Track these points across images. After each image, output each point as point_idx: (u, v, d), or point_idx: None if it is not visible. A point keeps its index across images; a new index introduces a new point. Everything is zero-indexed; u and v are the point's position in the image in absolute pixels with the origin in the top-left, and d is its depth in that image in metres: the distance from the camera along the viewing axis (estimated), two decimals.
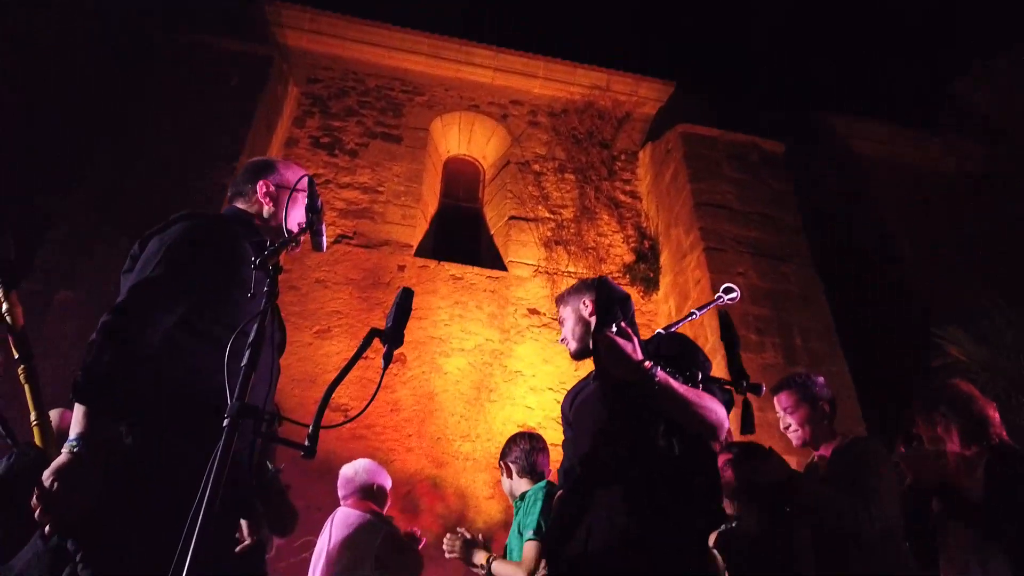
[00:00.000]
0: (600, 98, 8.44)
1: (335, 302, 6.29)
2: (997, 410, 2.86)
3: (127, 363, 1.49)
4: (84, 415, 1.44)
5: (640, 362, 1.97)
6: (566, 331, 2.44)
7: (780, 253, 6.59)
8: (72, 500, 1.35)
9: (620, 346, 1.98)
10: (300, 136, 7.36)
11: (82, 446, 1.40)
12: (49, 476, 1.36)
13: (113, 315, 1.54)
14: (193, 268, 1.70)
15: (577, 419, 2.33)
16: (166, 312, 1.61)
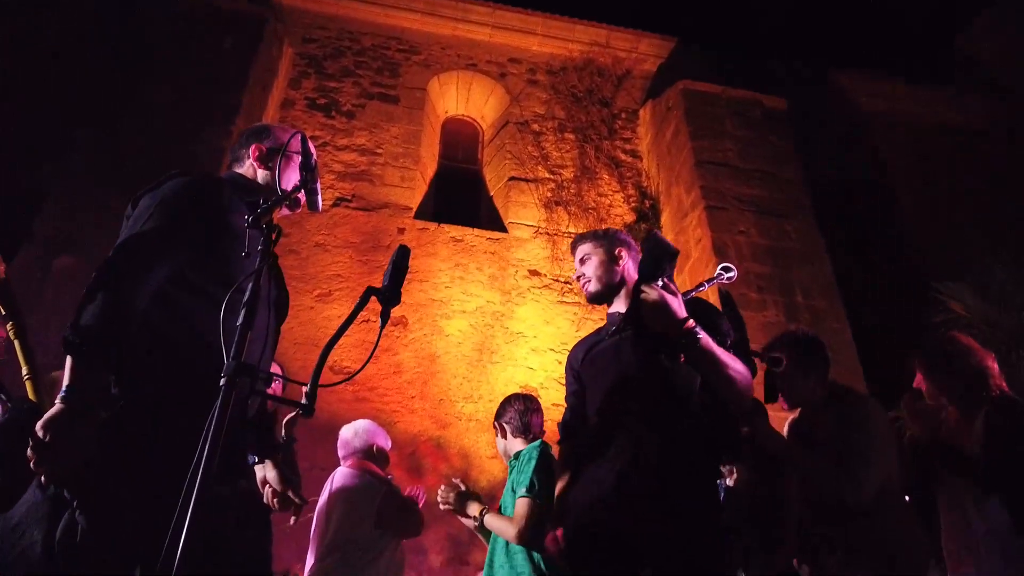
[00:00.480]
0: (600, 55, 8.30)
1: (335, 266, 6.27)
2: (996, 362, 2.85)
3: (118, 316, 1.49)
4: (75, 367, 1.44)
5: (685, 319, 1.98)
6: (587, 270, 2.41)
7: (782, 210, 6.54)
8: (66, 450, 1.36)
9: (668, 301, 1.98)
10: (296, 98, 7.26)
11: (73, 397, 1.41)
12: (42, 427, 1.37)
13: (104, 268, 1.53)
14: (185, 223, 1.68)
15: (594, 371, 2.32)
16: (158, 265, 1.60)
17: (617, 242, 2.46)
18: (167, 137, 5.65)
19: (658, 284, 2.01)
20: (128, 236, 1.65)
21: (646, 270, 2.07)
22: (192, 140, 5.69)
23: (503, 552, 2.75)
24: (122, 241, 1.64)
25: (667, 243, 2.13)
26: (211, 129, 5.81)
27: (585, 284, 2.43)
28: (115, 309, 1.49)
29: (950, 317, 5.20)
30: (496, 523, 2.77)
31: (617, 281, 2.41)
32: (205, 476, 1.05)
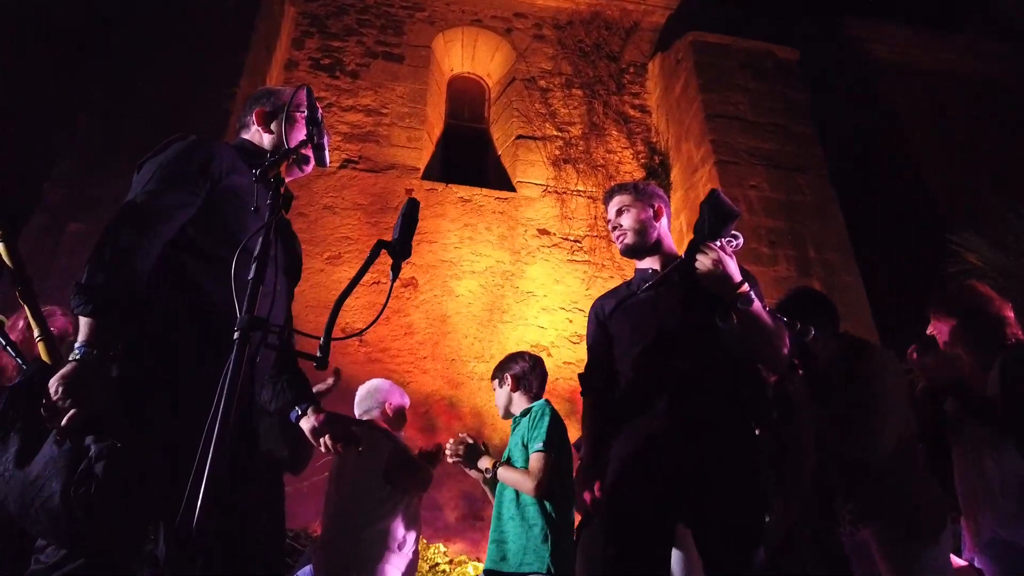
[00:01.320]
0: (607, 7, 8.11)
1: (344, 228, 6.26)
2: (1012, 310, 2.83)
3: (125, 274, 1.50)
4: (87, 325, 1.45)
5: (740, 283, 1.98)
6: (625, 221, 2.38)
7: (794, 164, 6.46)
8: (79, 403, 1.38)
9: (727, 263, 1.98)
10: (300, 58, 7.17)
11: (85, 353, 1.42)
12: (55, 382, 1.39)
13: (109, 229, 1.53)
14: (186, 183, 1.68)
15: (628, 325, 2.31)
16: (162, 225, 1.61)
17: (658, 198, 2.44)
18: (173, 99, 5.61)
19: (716, 245, 2.01)
20: (131, 198, 1.65)
21: (708, 229, 2.05)
22: (198, 101, 5.64)
23: (512, 504, 2.78)
24: (125, 203, 1.64)
25: (730, 204, 2.09)
26: (216, 90, 5.76)
27: (620, 236, 2.40)
28: (122, 268, 1.50)
29: (965, 268, 5.15)
30: (512, 475, 2.79)
31: (654, 238, 2.39)
32: (222, 430, 1.06)
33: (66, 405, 1.37)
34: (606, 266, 6.53)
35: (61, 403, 1.36)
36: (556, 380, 5.45)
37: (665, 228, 2.42)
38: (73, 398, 1.37)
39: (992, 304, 2.79)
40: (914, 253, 6.45)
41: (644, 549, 2.01)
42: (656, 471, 2.04)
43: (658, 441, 2.06)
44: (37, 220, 5.24)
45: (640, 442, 2.11)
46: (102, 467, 1.35)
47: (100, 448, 1.37)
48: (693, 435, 2.02)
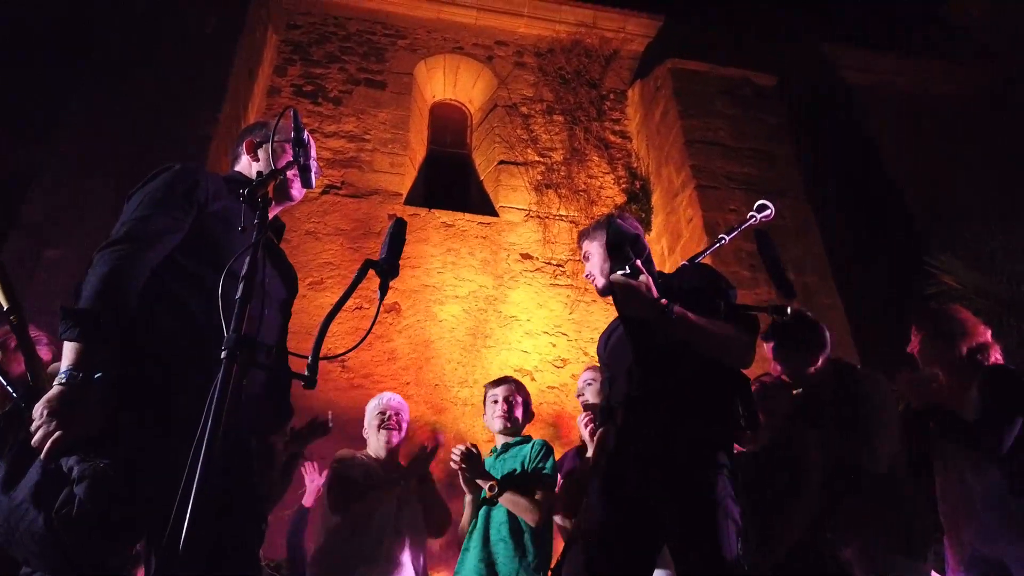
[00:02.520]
0: (587, 36, 8.24)
1: (326, 253, 6.24)
2: (989, 329, 2.90)
3: (113, 300, 1.50)
4: (73, 350, 1.44)
5: (655, 300, 1.99)
6: (592, 267, 2.44)
7: (773, 188, 6.53)
8: (64, 426, 1.37)
9: (634, 287, 1.99)
10: (282, 85, 7.19)
11: (71, 377, 1.41)
12: (40, 406, 1.38)
13: (98, 254, 1.53)
14: (172, 209, 1.70)
15: (612, 359, 2.36)
16: (149, 251, 1.62)
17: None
18: (153, 123, 5.57)
19: (625, 271, 2.03)
20: (122, 223, 1.67)
21: (610, 262, 2.09)
22: (178, 126, 5.61)
23: (504, 527, 2.78)
24: (117, 227, 1.66)
25: (623, 226, 2.15)
26: (197, 115, 5.74)
27: (593, 282, 2.46)
28: (109, 293, 1.50)
29: (943, 289, 5.24)
30: (521, 502, 2.80)
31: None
32: (209, 450, 1.04)
33: (51, 428, 1.36)
34: (589, 290, 6.55)
35: (46, 427, 1.35)
36: (540, 404, 5.43)
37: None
38: (58, 421, 1.36)
39: (967, 325, 2.86)
40: (893, 274, 6.54)
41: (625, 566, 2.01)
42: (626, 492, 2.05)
43: (626, 462, 2.09)
44: (14, 243, 5.17)
45: (612, 464, 2.13)
46: (84, 488, 1.33)
47: (83, 469, 1.35)
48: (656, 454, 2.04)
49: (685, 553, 1.96)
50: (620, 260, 2.05)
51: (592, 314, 6.38)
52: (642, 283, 2.01)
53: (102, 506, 1.34)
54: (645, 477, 2.03)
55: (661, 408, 2.08)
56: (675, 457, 2.01)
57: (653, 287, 2.03)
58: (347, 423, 5.36)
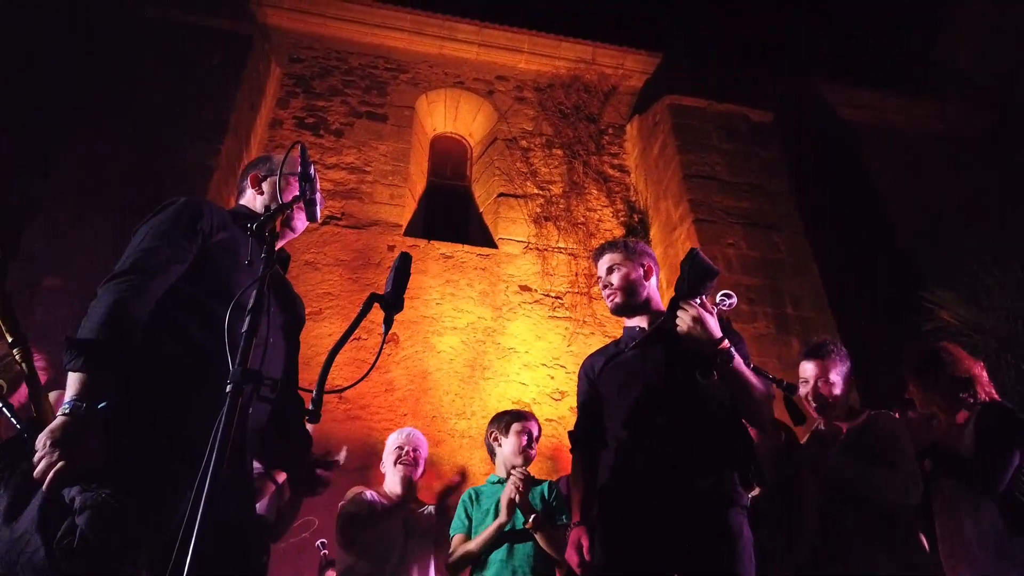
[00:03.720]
0: (586, 72, 8.37)
1: (326, 284, 6.25)
2: (985, 369, 2.91)
3: (118, 331, 1.50)
4: (78, 380, 1.44)
5: (720, 339, 2.00)
6: (615, 280, 2.41)
7: (770, 222, 6.59)
8: (67, 457, 1.37)
9: (707, 320, 2.00)
10: (284, 117, 7.27)
11: (74, 407, 1.41)
12: (43, 437, 1.38)
13: (104, 285, 1.54)
14: (178, 240, 1.72)
15: (616, 383, 2.33)
16: (154, 283, 1.62)
17: (648, 256, 2.49)
18: (155, 155, 5.62)
19: (696, 302, 2.04)
20: (128, 255, 1.68)
21: (687, 287, 2.10)
22: (180, 158, 5.66)
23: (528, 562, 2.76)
24: (122, 259, 1.67)
25: (709, 263, 2.16)
26: (199, 147, 5.79)
27: (611, 295, 2.44)
28: (114, 323, 1.50)
29: (939, 325, 5.25)
30: (554, 535, 2.77)
31: (644, 296, 2.42)
32: (213, 483, 1.04)
33: (53, 459, 1.35)
34: (587, 322, 6.56)
35: (48, 457, 1.34)
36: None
37: (654, 287, 2.47)
38: (60, 452, 1.36)
39: (962, 364, 2.88)
40: (890, 309, 6.56)
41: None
42: (640, 528, 2.04)
43: (640, 499, 2.06)
44: (14, 273, 5.18)
45: (624, 500, 2.11)
46: (85, 519, 1.33)
47: (84, 499, 1.34)
48: (672, 492, 2.03)
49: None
50: (699, 290, 2.07)
51: (591, 346, 6.37)
52: (710, 317, 2.04)
53: (103, 537, 1.33)
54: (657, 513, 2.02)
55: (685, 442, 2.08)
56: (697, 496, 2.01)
57: (718, 326, 2.05)
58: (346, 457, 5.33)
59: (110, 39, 6.50)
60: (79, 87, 6.20)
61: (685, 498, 2.02)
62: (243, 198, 2.11)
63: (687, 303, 2.06)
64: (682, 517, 2.00)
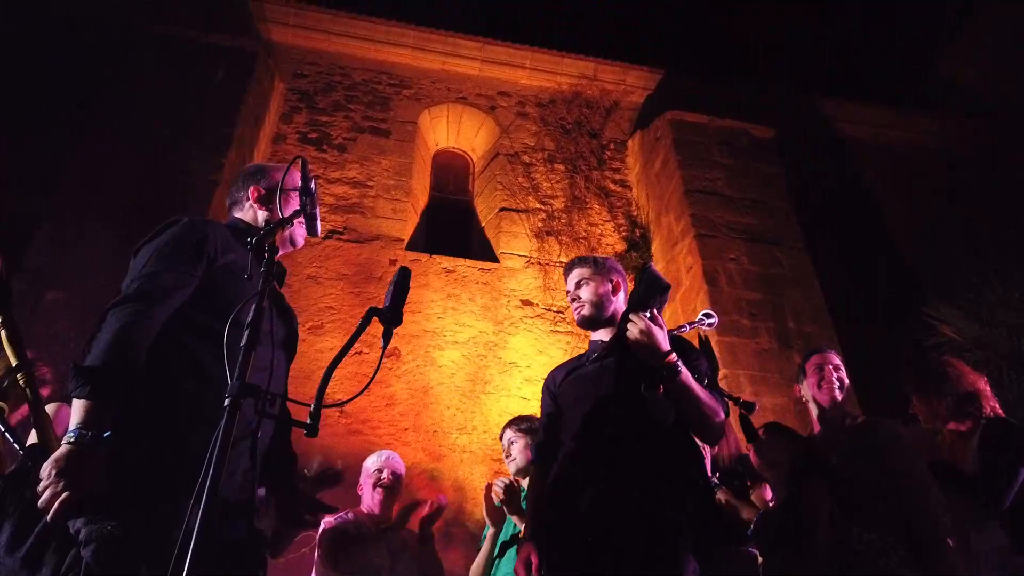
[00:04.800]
0: (588, 87, 8.42)
1: (327, 298, 6.25)
2: (988, 384, 2.89)
3: (124, 357, 1.50)
4: (83, 408, 1.43)
5: (668, 352, 2.02)
6: (584, 294, 2.45)
7: (772, 237, 6.60)
8: (72, 487, 1.36)
9: (654, 332, 2.02)
10: (288, 132, 7.31)
11: (79, 435, 1.40)
12: (48, 466, 1.37)
13: (109, 310, 1.54)
14: (183, 263, 1.72)
15: (573, 395, 2.35)
16: (159, 307, 1.62)
17: (616, 272, 2.51)
18: (158, 170, 5.65)
19: (646, 315, 2.06)
20: (132, 279, 1.67)
21: (637, 299, 2.12)
22: (184, 173, 5.69)
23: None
24: (127, 284, 1.67)
25: (660, 277, 2.21)
26: (203, 162, 5.82)
27: (579, 308, 2.48)
28: (120, 350, 1.50)
29: (942, 340, 5.23)
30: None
31: (610, 311, 2.45)
32: (209, 498, 1.04)
33: (58, 489, 1.34)
34: (588, 336, 6.55)
35: (53, 487, 1.33)
36: None
37: (621, 303, 2.49)
38: (65, 481, 1.35)
39: (965, 379, 2.86)
40: (891, 324, 6.54)
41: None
42: (581, 543, 2.03)
43: (584, 513, 2.06)
44: (16, 287, 5.19)
45: (568, 514, 2.10)
46: (91, 551, 1.31)
47: (90, 532, 1.33)
48: (618, 506, 2.02)
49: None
50: (648, 303, 2.09)
51: None
52: (659, 330, 2.04)
53: (108, 569, 1.32)
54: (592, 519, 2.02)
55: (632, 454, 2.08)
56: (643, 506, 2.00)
57: (667, 339, 2.06)
58: (344, 469, 5.31)
59: (115, 55, 6.55)
60: (83, 102, 6.24)
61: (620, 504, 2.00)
62: (239, 210, 2.10)
63: (636, 315, 2.09)
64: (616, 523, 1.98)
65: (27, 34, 6.64)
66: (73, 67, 6.59)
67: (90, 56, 6.63)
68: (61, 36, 6.79)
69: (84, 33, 6.77)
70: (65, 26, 6.83)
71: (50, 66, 6.60)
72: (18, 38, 6.56)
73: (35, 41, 6.68)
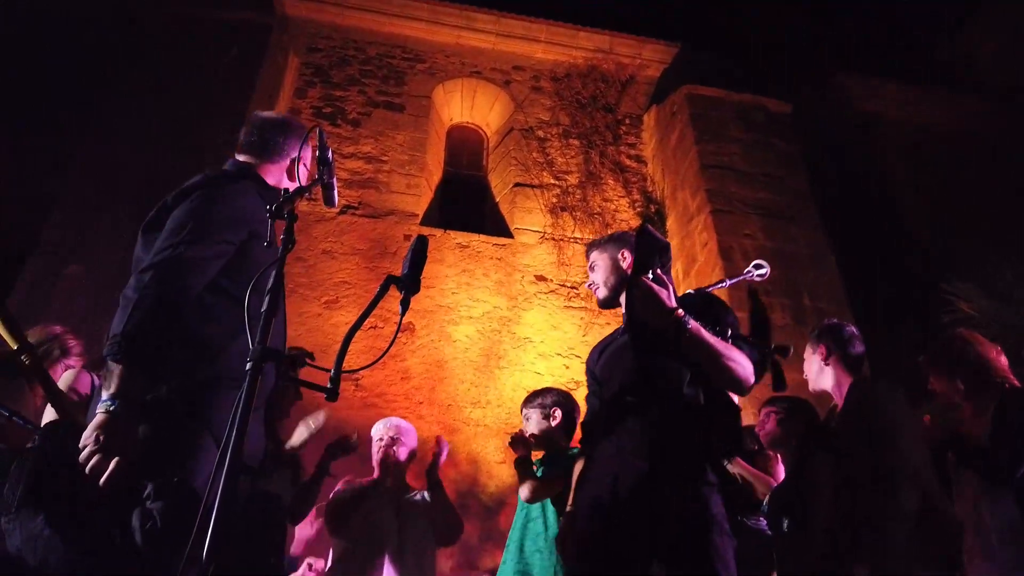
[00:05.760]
0: (603, 62, 8.33)
1: (342, 272, 6.29)
2: (1003, 354, 2.85)
3: (162, 323, 1.52)
4: (119, 374, 1.46)
5: (673, 309, 2.00)
6: (597, 277, 2.45)
7: (788, 214, 6.54)
8: (120, 451, 1.39)
9: (656, 292, 2.01)
10: (302, 107, 7.30)
11: (118, 404, 1.43)
12: (91, 432, 1.40)
13: (148, 275, 1.55)
14: (225, 234, 1.72)
15: (604, 372, 2.36)
16: (199, 275, 1.64)
17: (620, 244, 2.48)
18: (173, 145, 5.68)
19: (648, 277, 2.04)
20: (170, 247, 1.66)
21: (639, 264, 2.10)
22: (198, 150, 5.71)
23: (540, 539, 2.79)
24: (163, 248, 1.66)
25: (657, 236, 2.17)
26: (218, 138, 5.83)
27: (595, 291, 2.47)
28: (158, 318, 1.52)
29: (959, 317, 5.18)
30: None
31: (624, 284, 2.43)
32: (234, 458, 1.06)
33: (107, 455, 1.38)
34: (603, 313, 6.55)
35: (101, 453, 1.36)
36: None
37: None
38: (114, 448, 1.38)
39: (977, 349, 2.82)
40: (908, 302, 6.49)
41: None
42: (615, 514, 2.04)
43: (615, 485, 2.07)
44: (35, 262, 5.26)
45: (602, 487, 2.12)
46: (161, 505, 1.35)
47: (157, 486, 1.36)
48: (647, 478, 2.03)
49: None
50: (647, 265, 2.07)
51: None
52: (663, 290, 2.03)
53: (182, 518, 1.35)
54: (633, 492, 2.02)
55: (650, 422, 2.08)
56: (665, 474, 2.00)
57: (673, 297, 2.05)
58: (360, 443, 5.37)
59: (130, 32, 6.56)
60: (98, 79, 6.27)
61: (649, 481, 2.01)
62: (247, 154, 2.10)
63: (637, 280, 2.07)
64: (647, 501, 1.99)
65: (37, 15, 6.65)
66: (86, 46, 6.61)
67: (106, 35, 6.65)
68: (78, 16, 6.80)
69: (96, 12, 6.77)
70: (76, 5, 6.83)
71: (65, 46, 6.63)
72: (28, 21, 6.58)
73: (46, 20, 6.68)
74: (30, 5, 6.68)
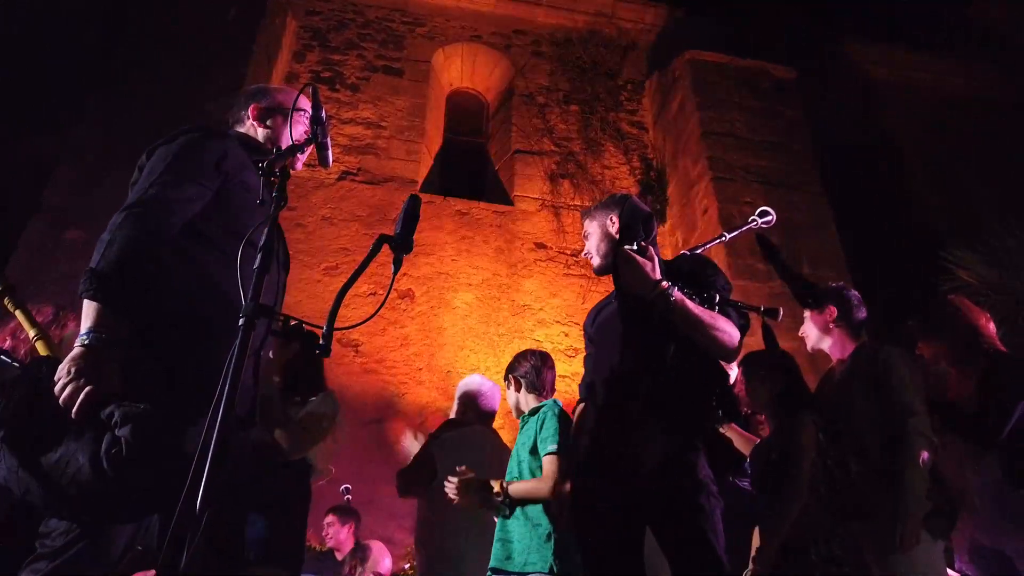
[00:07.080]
0: (605, 26, 8.22)
1: (342, 239, 6.28)
2: (992, 321, 2.87)
3: (135, 262, 1.52)
4: (94, 311, 1.46)
5: (657, 281, 2.02)
6: (591, 246, 2.46)
7: (790, 182, 6.51)
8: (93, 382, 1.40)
9: (639, 263, 2.02)
10: (301, 71, 7.24)
11: (93, 338, 1.44)
12: (67, 364, 1.41)
13: (123, 216, 1.55)
14: (198, 177, 1.71)
15: (599, 335, 2.39)
16: (172, 218, 1.62)
17: (608, 209, 2.47)
18: (172, 108, 5.63)
19: (633, 247, 2.05)
20: (144, 189, 1.66)
21: (622, 235, 2.11)
22: (196, 112, 5.66)
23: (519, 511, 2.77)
24: (140, 189, 1.66)
25: (639, 204, 2.18)
26: (215, 101, 5.78)
27: (591, 259, 2.48)
28: (132, 256, 1.51)
29: (958, 284, 5.18)
30: (526, 487, 2.74)
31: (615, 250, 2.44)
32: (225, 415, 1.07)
33: (80, 384, 1.39)
34: (601, 280, 6.54)
35: (75, 383, 1.38)
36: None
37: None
38: (86, 378, 1.39)
39: (963, 315, 2.85)
40: (909, 269, 6.49)
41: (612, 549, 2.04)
42: (608, 472, 2.08)
43: (607, 444, 2.12)
44: (36, 225, 5.26)
45: (595, 445, 2.16)
46: (129, 429, 1.38)
47: (124, 412, 1.39)
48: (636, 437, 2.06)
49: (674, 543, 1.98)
50: (630, 235, 2.08)
51: None
52: (647, 261, 2.03)
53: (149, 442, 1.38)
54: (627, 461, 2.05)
55: (639, 389, 2.11)
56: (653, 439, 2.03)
57: (658, 268, 2.06)
58: (360, 408, 5.42)
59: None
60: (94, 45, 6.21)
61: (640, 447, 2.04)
62: (241, 127, 2.07)
63: (622, 251, 2.08)
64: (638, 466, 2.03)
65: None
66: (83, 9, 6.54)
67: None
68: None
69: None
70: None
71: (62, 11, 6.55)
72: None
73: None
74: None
